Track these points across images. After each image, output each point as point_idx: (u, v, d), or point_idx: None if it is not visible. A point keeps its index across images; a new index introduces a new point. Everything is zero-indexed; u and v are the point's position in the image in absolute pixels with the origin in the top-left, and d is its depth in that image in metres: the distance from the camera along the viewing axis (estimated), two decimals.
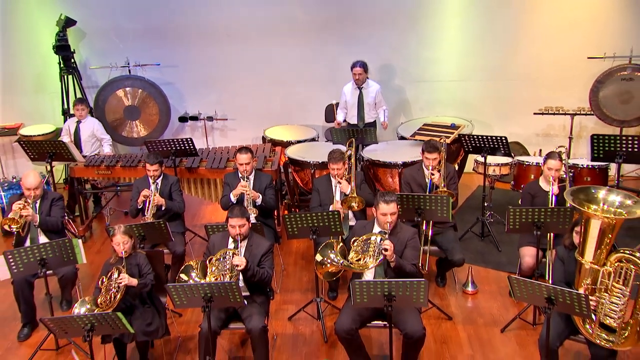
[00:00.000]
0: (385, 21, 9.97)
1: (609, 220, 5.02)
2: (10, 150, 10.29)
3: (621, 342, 5.04)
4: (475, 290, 7.09)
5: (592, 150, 7.53)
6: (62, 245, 5.97)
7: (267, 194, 7.33)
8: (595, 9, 9.54)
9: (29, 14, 10.11)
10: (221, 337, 6.30)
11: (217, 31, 10.18)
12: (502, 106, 9.95)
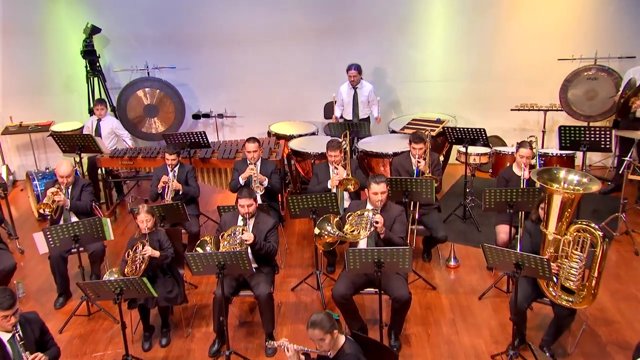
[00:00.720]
0: (377, 28, 10.03)
1: (569, 196, 5.26)
2: (42, 145, 10.28)
3: (579, 301, 5.28)
4: (457, 264, 7.27)
5: (560, 140, 7.64)
6: (92, 223, 6.14)
7: (273, 178, 7.43)
8: (564, 16, 9.55)
9: (59, 23, 10.14)
10: (232, 305, 6.46)
11: (226, 37, 10.20)
12: (482, 103, 9.94)
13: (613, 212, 7.75)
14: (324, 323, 4.35)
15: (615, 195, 8.33)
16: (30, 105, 10.21)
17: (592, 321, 5.94)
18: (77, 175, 7.35)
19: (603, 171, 9.52)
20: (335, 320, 4.49)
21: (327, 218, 6.20)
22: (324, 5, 10.06)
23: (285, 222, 8.32)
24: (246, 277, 6.02)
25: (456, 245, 7.49)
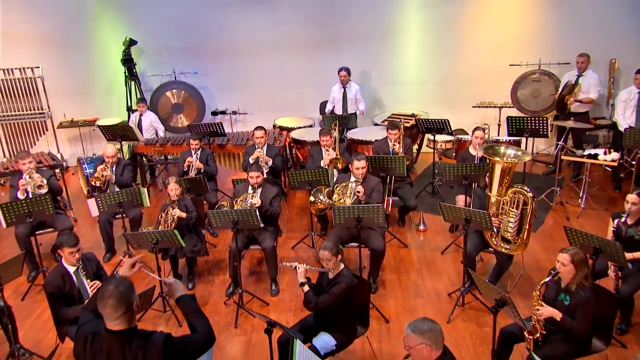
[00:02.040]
0: (363, 40, 10.09)
1: (507, 165, 5.62)
2: (89, 137, 10.39)
3: (515, 249, 5.67)
4: (425, 228, 7.53)
5: (508, 128, 7.75)
6: (132, 192, 6.41)
7: (276, 160, 7.65)
8: (514, 30, 9.60)
9: (103, 37, 10.24)
10: (244, 260, 6.73)
11: (238, 48, 10.26)
12: (449, 101, 9.93)
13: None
14: (332, 248, 4.66)
15: (554, 175, 8.40)
16: (79, 104, 10.27)
17: (528, 269, 6.25)
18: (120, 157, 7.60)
19: (548, 157, 9.63)
20: (340, 250, 4.82)
21: (320, 189, 6.54)
22: (318, 20, 10.10)
23: (287, 197, 8.55)
24: (255, 234, 6.21)
25: (425, 214, 7.68)
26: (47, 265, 6.34)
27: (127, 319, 2.84)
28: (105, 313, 2.85)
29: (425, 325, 3.35)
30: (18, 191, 6.57)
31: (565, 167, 8.98)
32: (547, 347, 4.30)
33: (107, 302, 2.82)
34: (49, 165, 7.86)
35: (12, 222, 6.03)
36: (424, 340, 3.31)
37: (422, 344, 3.31)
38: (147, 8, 10.06)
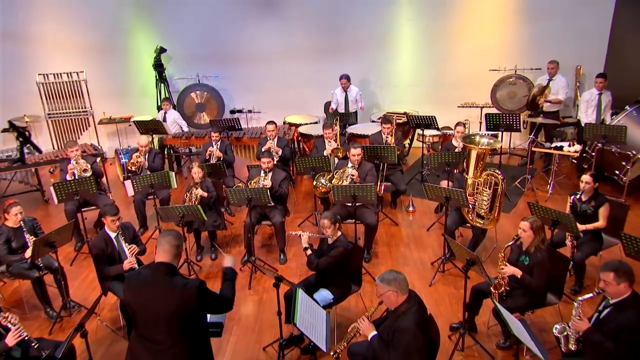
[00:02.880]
0: (362, 47, 10.10)
1: (481, 151, 5.75)
2: (124, 132, 10.54)
3: (487, 223, 5.79)
4: (414, 209, 7.69)
5: (486, 123, 7.94)
6: (162, 175, 6.55)
7: (285, 150, 7.78)
8: (494, 40, 9.64)
9: (137, 46, 10.31)
10: (257, 235, 6.89)
11: (253, 55, 10.26)
12: (437, 102, 9.85)
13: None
14: (331, 217, 4.83)
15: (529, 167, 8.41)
16: (117, 103, 10.37)
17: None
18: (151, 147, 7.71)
19: (523, 151, 9.59)
20: (338, 219, 4.98)
21: (322, 174, 6.76)
22: (322, 31, 10.10)
23: (295, 183, 8.67)
24: (266, 212, 6.35)
25: (414, 198, 7.82)
26: (91, 237, 6.48)
27: (175, 254, 3.15)
28: (162, 245, 3.13)
29: (390, 275, 3.61)
30: (67, 174, 6.75)
31: (538, 160, 9.07)
32: (509, 300, 4.51)
33: (167, 237, 3.14)
34: (92, 154, 7.98)
35: (62, 199, 6.27)
36: (391, 287, 3.56)
37: (389, 291, 3.57)
38: (175, 21, 10.12)
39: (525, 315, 4.58)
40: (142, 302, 3.10)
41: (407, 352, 3.51)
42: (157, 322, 3.08)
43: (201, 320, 3.31)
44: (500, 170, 5.73)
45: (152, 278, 3.11)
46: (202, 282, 3.17)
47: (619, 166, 7.25)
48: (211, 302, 3.24)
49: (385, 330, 3.68)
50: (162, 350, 3.12)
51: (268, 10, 10.11)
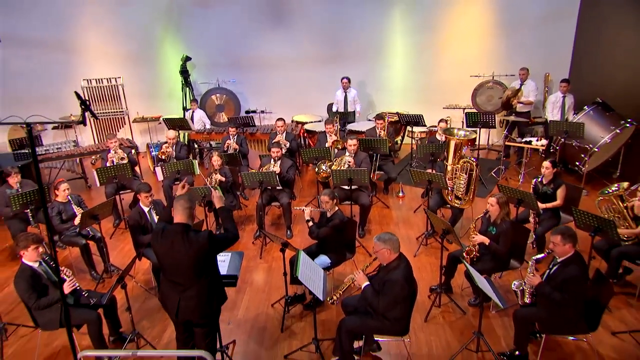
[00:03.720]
0: (361, 56, 10.11)
1: (459, 141, 5.94)
2: (154, 130, 10.57)
3: (464, 203, 5.98)
4: (403, 195, 7.78)
5: (466, 121, 8.00)
6: (187, 162, 6.77)
7: (292, 143, 7.89)
8: (475, 51, 9.69)
9: (166, 55, 10.37)
10: (267, 215, 6.97)
11: (265, 62, 10.28)
12: (426, 104, 9.77)
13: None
14: (330, 194, 5.04)
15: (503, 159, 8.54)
16: (148, 105, 10.48)
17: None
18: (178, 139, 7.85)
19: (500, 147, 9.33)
20: (336, 196, 5.15)
21: (323, 162, 6.88)
22: (326, 41, 10.11)
23: (301, 173, 8.75)
24: (275, 194, 6.47)
25: (404, 185, 7.93)
26: (127, 216, 6.65)
27: (188, 215, 3.40)
28: (177, 208, 3.38)
29: (386, 236, 3.83)
30: (107, 162, 7.02)
31: (512, 155, 9.15)
32: (479, 264, 4.72)
33: (180, 201, 3.40)
34: (127, 146, 8.19)
35: (103, 182, 6.54)
36: (385, 245, 3.78)
37: (384, 248, 3.78)
38: (199, 33, 10.18)
39: (492, 277, 4.72)
40: (165, 252, 3.40)
41: (394, 299, 3.73)
42: (179, 268, 3.38)
43: (213, 265, 3.54)
44: (474, 158, 5.92)
45: (172, 234, 3.39)
46: (211, 231, 3.44)
47: (579, 158, 7.35)
48: (221, 243, 3.47)
49: (377, 281, 3.88)
50: (184, 290, 3.42)
51: (279, 24, 10.15)
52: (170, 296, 3.47)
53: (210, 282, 3.49)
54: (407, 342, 4.33)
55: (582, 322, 3.83)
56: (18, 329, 4.82)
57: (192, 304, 3.44)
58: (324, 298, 3.99)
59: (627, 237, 4.74)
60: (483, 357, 4.22)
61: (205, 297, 3.46)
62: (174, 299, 3.45)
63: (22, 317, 4.89)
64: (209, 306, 3.50)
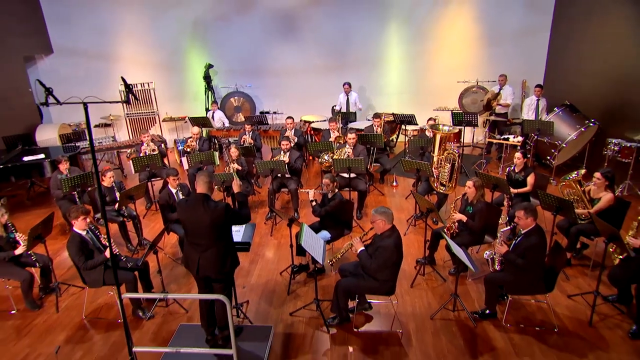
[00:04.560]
0: (361, 64, 10.19)
1: (443, 135, 6.10)
2: (181, 128, 10.68)
3: (447, 190, 6.13)
4: (397, 184, 7.88)
5: (453, 119, 8.10)
6: (208, 154, 6.94)
7: (300, 138, 7.91)
8: (460, 59, 9.75)
9: (191, 63, 10.47)
10: (277, 200, 7.10)
11: (278, 69, 10.37)
12: (418, 106, 9.79)
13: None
14: (331, 177, 5.20)
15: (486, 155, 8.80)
16: (175, 106, 10.60)
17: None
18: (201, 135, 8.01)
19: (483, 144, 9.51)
20: (336, 179, 5.31)
21: (326, 152, 7.07)
22: (330, 51, 10.18)
23: (308, 166, 8.90)
24: (284, 182, 6.62)
25: (397, 176, 8.06)
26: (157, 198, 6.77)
27: (208, 187, 3.64)
28: (199, 181, 3.61)
29: (382, 209, 4.02)
30: (140, 153, 7.26)
31: (494, 151, 9.23)
32: (457, 239, 4.87)
33: (201, 176, 3.63)
34: (158, 141, 8.31)
35: (137, 169, 6.77)
36: (381, 217, 3.98)
37: (380, 219, 3.98)
38: (220, 44, 10.30)
39: (469, 250, 4.88)
40: (188, 218, 3.63)
41: (384, 263, 3.94)
42: (199, 231, 3.61)
43: (227, 233, 3.75)
44: (457, 150, 6.09)
45: (194, 202, 3.62)
46: (228, 204, 3.65)
47: (550, 153, 7.47)
48: (235, 216, 3.70)
49: (371, 246, 4.08)
50: (203, 250, 3.66)
51: (290, 36, 10.26)
52: (192, 256, 3.72)
53: (225, 246, 3.71)
54: (395, 304, 4.56)
55: (541, 284, 4.03)
56: (69, 288, 5.12)
57: (210, 262, 3.67)
58: (323, 262, 4.20)
59: (584, 216, 4.91)
60: (459, 315, 4.42)
61: (220, 257, 3.69)
62: (195, 258, 3.69)
63: (73, 279, 5.19)
64: (224, 265, 3.72)
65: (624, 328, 4.11)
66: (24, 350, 4.18)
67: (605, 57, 7.45)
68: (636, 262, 4.05)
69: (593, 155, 7.45)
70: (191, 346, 3.86)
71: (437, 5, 9.66)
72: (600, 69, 7.61)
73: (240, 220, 3.79)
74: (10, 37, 9.09)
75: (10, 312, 4.76)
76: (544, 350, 3.90)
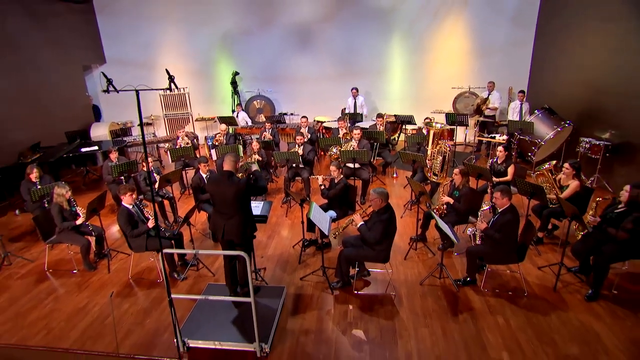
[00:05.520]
0: (368, 71, 10.15)
1: (437, 131, 6.26)
2: (210, 127, 10.78)
3: (439, 179, 6.18)
4: (397, 176, 7.94)
5: (447, 119, 8.07)
6: (234, 147, 6.99)
7: (312, 135, 8.00)
8: (455, 69, 9.71)
9: (220, 71, 10.58)
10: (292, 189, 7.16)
11: (295, 76, 10.42)
12: (418, 109, 9.70)
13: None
14: (337, 164, 5.31)
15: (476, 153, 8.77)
16: (206, 108, 10.74)
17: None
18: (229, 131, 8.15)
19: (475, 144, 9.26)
20: (342, 167, 5.38)
21: (334, 146, 7.14)
22: (341, 61, 10.18)
23: (320, 159, 8.95)
24: (298, 171, 6.72)
25: (397, 169, 8.13)
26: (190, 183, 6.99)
27: (234, 165, 3.86)
28: (225, 160, 3.82)
29: (380, 189, 4.17)
30: (176, 145, 7.51)
31: (484, 149, 9.08)
32: (445, 218, 4.98)
33: (229, 156, 3.85)
34: (191, 136, 8.62)
35: (174, 159, 6.96)
36: (378, 195, 4.13)
37: (377, 198, 4.14)
38: (245, 54, 10.40)
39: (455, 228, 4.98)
40: (215, 190, 3.86)
41: (380, 234, 4.11)
42: (225, 201, 3.83)
43: (247, 204, 3.95)
44: (448, 144, 6.20)
45: (221, 178, 3.85)
46: (248, 178, 3.87)
47: (531, 150, 7.50)
48: (253, 188, 3.92)
49: (370, 221, 4.26)
50: (228, 218, 3.89)
51: (305, 48, 10.34)
52: (219, 223, 3.95)
53: (245, 215, 3.93)
54: (390, 272, 4.74)
55: (514, 256, 4.17)
56: (118, 254, 5.43)
57: (233, 227, 3.89)
58: (328, 233, 4.39)
59: (554, 201, 5.03)
60: (444, 282, 4.58)
61: (241, 225, 3.91)
62: (221, 224, 3.93)
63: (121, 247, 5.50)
64: (244, 231, 3.94)
65: (582, 293, 4.24)
66: (84, 300, 4.50)
67: (579, 67, 7.49)
68: (594, 237, 4.18)
69: (569, 153, 7.48)
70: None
71: (434, 21, 9.70)
72: (575, 78, 7.65)
73: (258, 191, 3.98)
74: (72, 49, 9.56)
75: (73, 271, 5.09)
76: (514, 310, 4.05)
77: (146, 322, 4.11)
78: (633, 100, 6.15)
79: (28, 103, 8.46)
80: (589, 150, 6.62)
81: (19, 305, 4.48)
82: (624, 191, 4.02)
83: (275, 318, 3.96)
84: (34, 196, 5.47)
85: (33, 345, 3.78)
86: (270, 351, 3.65)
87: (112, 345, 3.79)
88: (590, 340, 3.62)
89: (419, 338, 3.76)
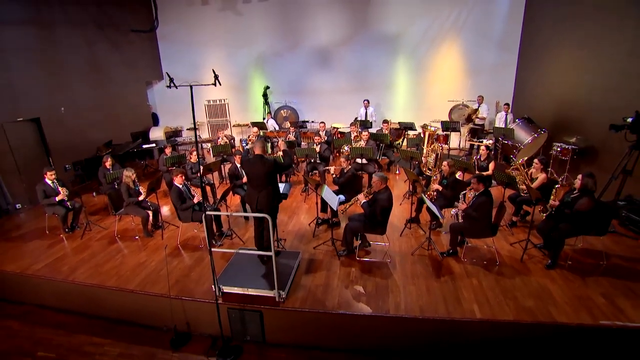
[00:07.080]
0: (377, 87, 10.10)
1: (431, 132, 6.42)
2: (246, 132, 10.76)
3: (432, 174, 6.09)
4: (399, 173, 7.98)
5: (442, 126, 8.07)
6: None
7: (328, 137, 8.14)
8: (450, 85, 9.64)
9: (254, 85, 10.74)
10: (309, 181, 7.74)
11: (315, 90, 10.42)
12: (420, 118, 9.66)
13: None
14: (346, 157, 5.51)
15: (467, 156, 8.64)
16: (242, 116, 10.94)
17: None
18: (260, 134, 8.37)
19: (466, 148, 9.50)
20: (350, 158, 5.52)
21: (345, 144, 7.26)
22: (354, 77, 10.13)
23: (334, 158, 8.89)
24: (316, 165, 6.97)
25: (400, 167, 8.08)
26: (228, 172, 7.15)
27: (263, 150, 4.19)
28: (257, 146, 4.14)
29: (380, 173, 4.44)
30: (217, 143, 7.95)
31: (475, 153, 9.04)
32: (435, 202, 5.11)
33: (259, 142, 4.17)
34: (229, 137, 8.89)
35: (214, 154, 7.35)
36: (379, 178, 4.38)
37: (378, 180, 4.39)
38: (275, 72, 10.50)
39: (443, 211, 5.21)
40: (250, 169, 4.18)
41: (379, 210, 4.34)
42: (258, 177, 4.14)
43: (275, 180, 4.22)
44: (441, 144, 6.35)
45: (254, 159, 4.16)
46: (276, 158, 4.17)
47: (512, 152, 7.49)
48: (281, 166, 4.19)
49: (371, 200, 4.50)
50: (260, 191, 4.19)
51: (325, 66, 10.39)
52: (253, 195, 4.28)
53: (273, 189, 4.25)
54: (386, 245, 4.97)
55: (488, 231, 4.35)
56: (169, 226, 5.85)
57: (264, 198, 4.20)
58: (336, 208, 4.67)
59: (525, 191, 5.15)
60: (431, 253, 4.80)
61: (271, 196, 4.22)
62: (254, 196, 4.25)
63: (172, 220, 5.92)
64: (272, 202, 4.25)
65: (543, 263, 4.39)
66: (143, 258, 4.94)
67: (553, 84, 7.55)
68: (554, 217, 4.31)
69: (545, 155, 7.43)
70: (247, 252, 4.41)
71: (433, 45, 9.78)
72: (550, 93, 7.69)
73: (284, 168, 4.25)
74: (138, 68, 10.27)
75: (135, 237, 5.55)
76: (487, 274, 4.23)
77: (191, 274, 4.48)
78: (593, 112, 6.30)
79: (104, 110, 9.19)
80: (560, 153, 6.67)
81: (97, 259, 4.97)
82: (577, 179, 4.15)
83: (291, 273, 4.27)
84: (108, 179, 5.99)
85: (108, 286, 4.23)
86: (287, 297, 3.95)
87: (165, 289, 4.17)
88: (544, 297, 3.78)
89: (407, 293, 3.99)
